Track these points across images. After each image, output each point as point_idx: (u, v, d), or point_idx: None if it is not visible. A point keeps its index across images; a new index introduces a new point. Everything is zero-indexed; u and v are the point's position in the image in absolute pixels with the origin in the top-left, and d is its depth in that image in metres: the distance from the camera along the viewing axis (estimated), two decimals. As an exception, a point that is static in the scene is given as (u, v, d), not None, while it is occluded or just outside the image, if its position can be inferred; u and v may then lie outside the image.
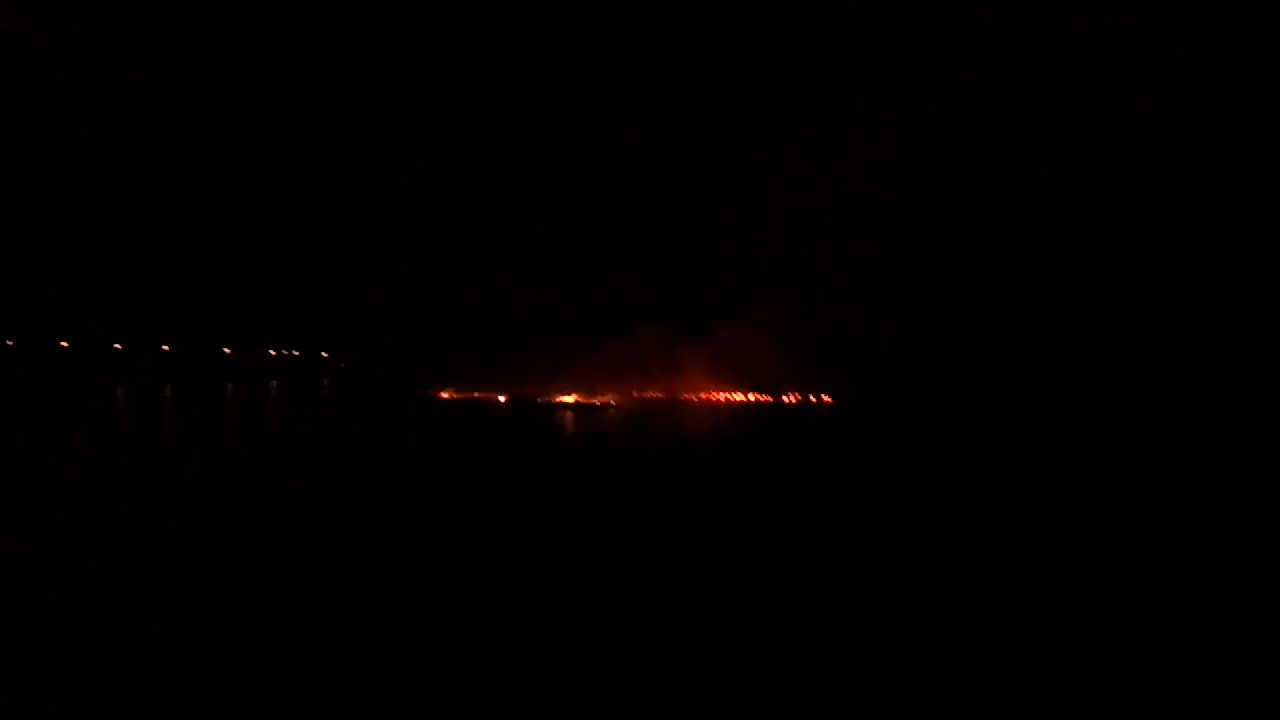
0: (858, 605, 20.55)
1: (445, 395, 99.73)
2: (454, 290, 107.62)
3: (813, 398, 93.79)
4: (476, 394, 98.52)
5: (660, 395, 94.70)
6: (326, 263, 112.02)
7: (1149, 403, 75.85)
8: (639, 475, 41.74)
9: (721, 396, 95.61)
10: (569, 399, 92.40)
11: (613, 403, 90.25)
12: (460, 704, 15.35)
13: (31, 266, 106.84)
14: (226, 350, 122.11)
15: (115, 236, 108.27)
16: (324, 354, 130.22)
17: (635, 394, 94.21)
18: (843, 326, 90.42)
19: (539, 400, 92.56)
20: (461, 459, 48.63)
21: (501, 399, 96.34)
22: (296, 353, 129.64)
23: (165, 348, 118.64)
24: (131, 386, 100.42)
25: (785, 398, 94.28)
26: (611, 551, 25.34)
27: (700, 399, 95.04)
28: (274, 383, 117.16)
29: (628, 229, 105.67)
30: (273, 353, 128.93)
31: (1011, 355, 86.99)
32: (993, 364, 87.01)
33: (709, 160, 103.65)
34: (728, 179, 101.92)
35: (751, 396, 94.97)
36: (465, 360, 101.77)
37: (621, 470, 43.88)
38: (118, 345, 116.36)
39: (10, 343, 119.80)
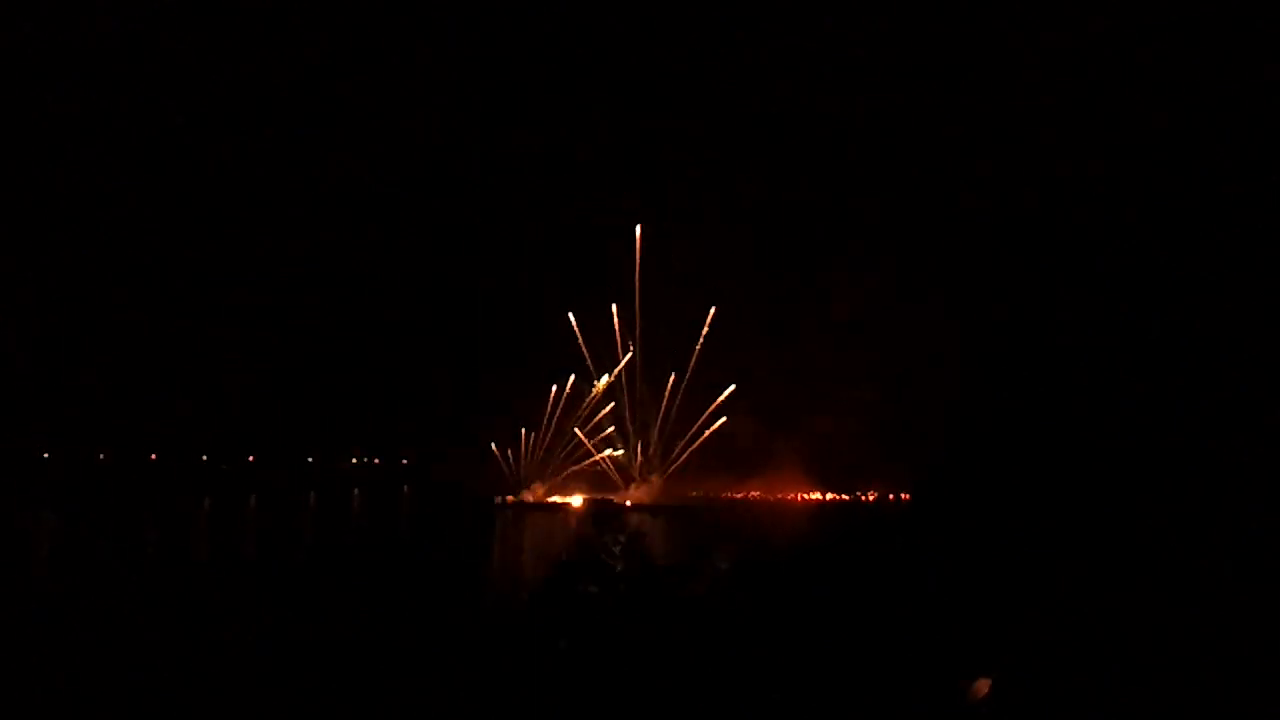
0: None
1: (529, 499, 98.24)
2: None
3: (891, 495, 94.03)
4: (555, 498, 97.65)
5: (739, 495, 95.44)
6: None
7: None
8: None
9: (798, 496, 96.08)
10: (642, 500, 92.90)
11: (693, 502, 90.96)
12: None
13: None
14: (310, 459, 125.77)
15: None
16: (404, 460, 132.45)
17: (712, 495, 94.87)
18: (912, 423, 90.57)
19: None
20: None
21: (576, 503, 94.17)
22: (377, 460, 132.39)
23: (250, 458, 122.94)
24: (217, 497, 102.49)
25: (863, 496, 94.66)
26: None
27: (774, 499, 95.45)
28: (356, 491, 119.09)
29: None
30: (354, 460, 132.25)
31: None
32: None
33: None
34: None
35: (828, 496, 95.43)
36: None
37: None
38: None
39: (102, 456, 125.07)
